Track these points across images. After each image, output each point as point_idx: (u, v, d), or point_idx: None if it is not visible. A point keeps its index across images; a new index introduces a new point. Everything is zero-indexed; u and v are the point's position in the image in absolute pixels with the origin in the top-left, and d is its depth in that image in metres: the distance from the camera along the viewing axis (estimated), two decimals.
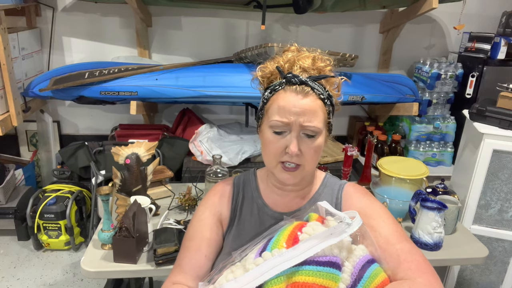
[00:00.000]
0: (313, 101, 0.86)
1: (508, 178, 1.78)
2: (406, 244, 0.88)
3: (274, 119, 0.86)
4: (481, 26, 2.66)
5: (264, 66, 0.93)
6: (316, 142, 0.87)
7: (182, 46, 2.64)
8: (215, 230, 0.98)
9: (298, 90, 0.85)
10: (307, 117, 0.85)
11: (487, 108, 1.81)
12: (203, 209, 1.01)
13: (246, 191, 1.03)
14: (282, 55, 0.93)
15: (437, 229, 1.40)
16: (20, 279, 2.10)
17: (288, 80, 0.87)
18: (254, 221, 0.99)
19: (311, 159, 0.89)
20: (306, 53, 0.92)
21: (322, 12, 2.51)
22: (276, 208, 0.99)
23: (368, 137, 1.94)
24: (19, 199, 2.34)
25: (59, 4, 2.49)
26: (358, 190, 1.01)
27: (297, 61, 0.89)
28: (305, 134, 0.86)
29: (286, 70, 0.89)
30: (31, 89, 2.21)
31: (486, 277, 1.93)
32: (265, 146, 0.90)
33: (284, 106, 0.85)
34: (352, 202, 0.98)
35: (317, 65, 0.90)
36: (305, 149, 0.87)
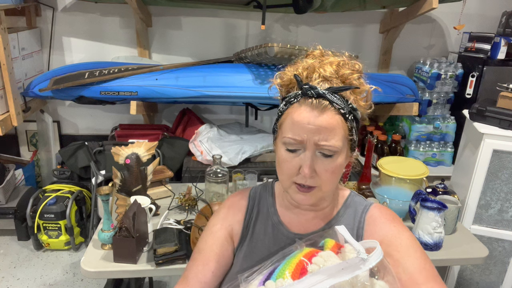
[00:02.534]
0: (331, 117, 0.75)
1: (508, 178, 1.78)
2: (435, 285, 0.76)
3: (287, 135, 0.77)
4: (481, 26, 2.66)
5: (283, 73, 0.84)
6: (334, 163, 0.77)
7: (182, 46, 2.64)
8: (225, 245, 0.90)
9: (315, 104, 0.75)
10: (323, 135, 0.75)
11: (487, 108, 1.81)
12: (215, 221, 0.94)
13: (262, 205, 0.94)
14: (303, 60, 0.83)
15: (437, 229, 1.40)
16: (20, 279, 2.10)
17: (304, 92, 0.76)
18: (268, 240, 0.90)
19: (328, 180, 0.79)
20: (331, 57, 0.81)
21: (322, 12, 2.51)
22: (292, 228, 0.90)
23: (368, 137, 1.94)
24: (19, 199, 2.34)
25: (59, 4, 2.49)
26: (384, 214, 0.88)
27: (317, 68, 0.79)
28: (322, 154, 0.76)
29: (304, 78, 0.79)
30: (31, 89, 2.21)
31: (486, 277, 1.93)
32: (279, 164, 0.81)
33: (298, 122, 0.76)
34: (376, 228, 0.86)
35: (341, 72, 0.79)
36: (321, 170, 0.77)
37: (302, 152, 0.77)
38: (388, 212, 0.90)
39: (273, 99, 2.18)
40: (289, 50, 1.93)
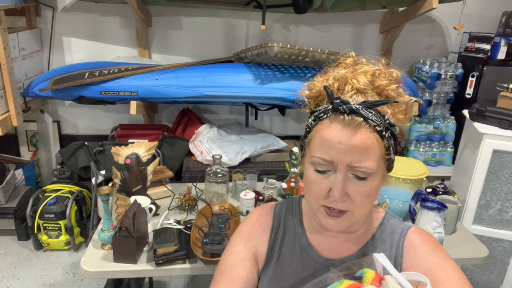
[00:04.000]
0: (365, 135, 0.67)
1: (508, 178, 1.78)
2: None
3: (316, 155, 0.70)
4: (481, 26, 2.66)
5: (312, 84, 0.76)
6: (369, 186, 0.70)
7: (182, 46, 2.64)
8: (250, 267, 0.82)
9: (347, 121, 0.67)
10: (356, 156, 0.67)
11: (487, 108, 1.81)
12: (237, 239, 0.86)
13: (288, 224, 0.86)
14: (335, 69, 0.75)
15: (437, 229, 1.40)
16: (20, 279, 2.10)
17: (335, 107, 0.68)
18: (296, 264, 0.82)
19: (361, 204, 0.71)
20: (365, 66, 0.74)
21: (322, 12, 2.51)
22: (322, 252, 0.82)
23: None
24: (19, 199, 2.34)
25: (59, 4, 2.49)
26: (426, 242, 0.80)
27: (350, 79, 0.71)
28: (355, 176, 0.69)
29: (336, 90, 0.71)
30: (31, 89, 2.21)
31: (486, 277, 1.93)
32: (307, 184, 0.73)
33: (328, 141, 0.68)
34: (418, 258, 0.77)
35: (377, 83, 0.71)
36: (354, 193, 0.69)
37: (333, 173, 0.70)
38: (429, 238, 0.82)
39: (273, 99, 2.19)
40: (289, 50, 1.93)
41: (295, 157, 1.64)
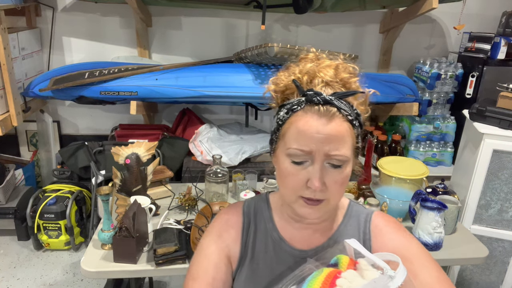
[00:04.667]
0: (339, 124, 0.70)
1: (508, 178, 1.78)
2: None
3: (293, 147, 0.70)
4: (481, 26, 2.66)
5: (277, 79, 0.78)
6: (343, 173, 0.72)
7: (182, 46, 2.64)
8: (223, 269, 0.81)
9: (322, 111, 0.69)
10: (333, 145, 0.69)
11: (487, 108, 1.81)
12: (207, 242, 0.84)
13: (259, 221, 0.86)
14: (298, 64, 0.78)
15: (437, 229, 1.40)
16: (20, 279, 2.10)
17: (309, 98, 0.70)
18: (270, 259, 0.83)
19: (337, 192, 0.74)
20: (327, 61, 0.76)
21: (322, 12, 2.51)
22: (294, 244, 0.83)
23: (368, 137, 1.94)
24: (19, 199, 2.34)
25: (59, 4, 2.49)
26: (390, 223, 0.85)
27: (317, 72, 0.73)
28: (331, 164, 0.71)
29: (304, 83, 0.73)
30: (31, 89, 2.21)
31: (486, 277, 1.93)
32: (283, 177, 0.74)
33: (305, 132, 0.69)
34: (384, 240, 0.82)
35: (340, 76, 0.74)
36: (331, 182, 0.71)
37: (310, 164, 0.71)
38: (391, 220, 0.86)
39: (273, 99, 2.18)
40: (289, 50, 1.93)
41: None
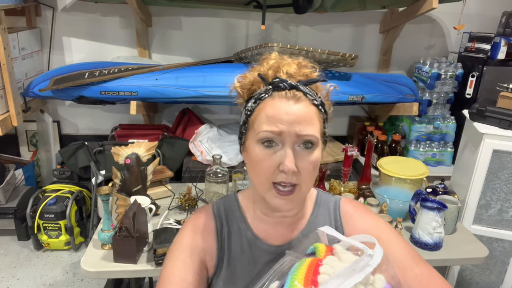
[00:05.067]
0: (307, 106, 0.73)
1: (508, 178, 1.78)
2: (424, 266, 0.78)
3: (263, 129, 0.71)
4: (481, 26, 2.66)
5: (242, 76, 0.81)
6: (314, 155, 0.73)
7: (182, 46, 2.64)
8: (199, 273, 0.80)
9: (289, 95, 0.72)
10: (303, 125, 0.71)
11: (487, 108, 1.81)
12: (181, 248, 0.82)
13: (231, 222, 0.85)
14: (262, 63, 0.81)
15: (437, 229, 1.40)
16: (20, 279, 2.10)
17: (276, 85, 0.73)
18: (247, 259, 0.83)
19: (308, 177, 0.74)
20: (289, 59, 0.80)
21: (322, 12, 2.51)
22: (269, 241, 0.83)
23: (368, 137, 1.94)
24: (19, 199, 2.34)
25: (59, 4, 2.49)
26: (358, 208, 0.89)
27: (281, 67, 0.77)
28: (302, 146, 0.72)
29: (270, 77, 0.77)
30: (31, 89, 2.21)
31: (486, 277, 1.93)
32: (254, 165, 0.74)
33: (274, 115, 0.71)
34: (355, 223, 0.85)
35: (303, 70, 0.78)
36: (303, 164, 0.72)
37: (280, 148, 0.72)
38: (359, 204, 0.91)
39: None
40: (289, 50, 1.93)
41: None
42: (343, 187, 1.78)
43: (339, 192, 1.76)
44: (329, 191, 1.80)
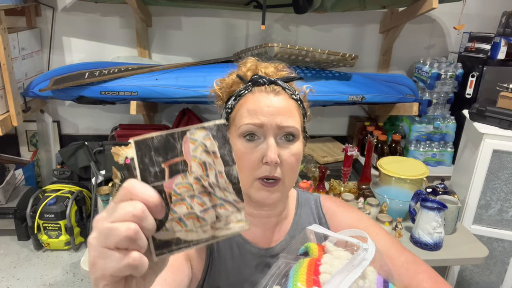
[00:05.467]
0: (287, 99, 0.75)
1: (508, 178, 1.78)
2: (408, 254, 0.82)
3: (245, 123, 0.72)
4: (481, 26, 2.66)
5: (221, 80, 0.83)
6: (296, 147, 0.74)
7: (182, 46, 2.64)
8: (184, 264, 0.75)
9: (268, 89, 0.74)
10: (284, 117, 0.72)
11: (487, 108, 1.81)
12: None
13: None
14: (240, 67, 0.82)
15: (437, 229, 1.40)
16: (20, 279, 2.10)
17: (255, 81, 0.75)
18: (238, 264, 0.81)
19: (291, 170, 0.74)
20: (267, 63, 0.83)
21: (322, 12, 2.51)
22: (259, 244, 0.82)
23: (368, 137, 1.94)
24: (19, 199, 2.34)
25: (59, 4, 2.48)
26: (339, 204, 0.91)
27: (259, 67, 0.80)
28: (283, 139, 0.73)
29: (249, 77, 0.78)
30: (31, 89, 2.21)
31: (486, 277, 1.93)
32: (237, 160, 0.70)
33: (255, 108, 0.72)
34: (340, 219, 0.87)
35: (280, 73, 0.80)
36: (285, 156, 0.72)
37: (263, 141, 0.72)
38: (339, 200, 0.93)
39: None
40: (289, 50, 1.93)
41: None
42: (343, 187, 1.78)
43: (339, 192, 1.76)
44: (329, 191, 1.80)
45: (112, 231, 0.37)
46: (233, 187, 0.45)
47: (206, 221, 0.43)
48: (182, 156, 0.42)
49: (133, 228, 0.37)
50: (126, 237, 0.37)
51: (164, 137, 0.41)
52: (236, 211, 0.45)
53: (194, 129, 0.43)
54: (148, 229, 0.38)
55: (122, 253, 0.37)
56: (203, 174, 0.43)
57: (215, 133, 0.45)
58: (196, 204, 0.42)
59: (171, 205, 0.41)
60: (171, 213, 0.41)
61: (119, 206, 0.38)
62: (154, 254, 0.40)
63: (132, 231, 0.37)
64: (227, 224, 0.44)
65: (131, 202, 0.38)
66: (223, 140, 0.45)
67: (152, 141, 0.41)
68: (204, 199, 0.43)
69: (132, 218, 0.37)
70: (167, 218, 0.41)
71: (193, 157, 0.43)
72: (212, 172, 0.44)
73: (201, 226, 0.42)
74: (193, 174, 0.42)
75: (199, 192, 0.43)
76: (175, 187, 0.42)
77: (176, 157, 0.42)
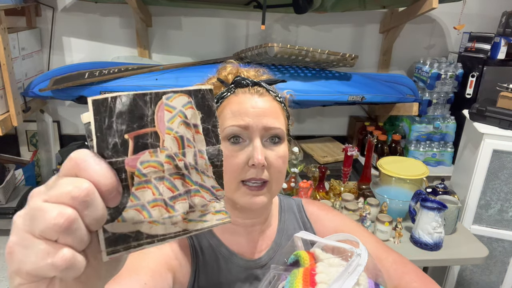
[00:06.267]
0: (271, 100, 0.72)
1: (508, 178, 1.78)
2: (395, 254, 0.83)
3: (228, 125, 0.69)
4: (481, 26, 2.66)
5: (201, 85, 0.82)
6: (283, 150, 0.72)
7: (182, 46, 2.64)
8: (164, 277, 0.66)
9: (252, 91, 0.72)
10: (269, 118, 0.69)
11: (487, 108, 1.81)
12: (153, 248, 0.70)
13: (200, 239, 0.77)
14: (219, 72, 0.81)
15: (437, 229, 1.40)
16: None
17: (238, 82, 0.73)
18: (225, 278, 0.76)
19: (279, 173, 0.71)
20: (247, 67, 0.81)
21: (322, 12, 2.51)
22: (245, 255, 0.78)
23: (368, 137, 1.94)
24: (19, 199, 2.34)
25: (59, 4, 2.49)
26: (321, 207, 0.89)
27: (240, 71, 0.78)
28: (269, 141, 0.70)
29: (230, 80, 0.77)
30: (31, 89, 2.21)
31: (486, 277, 1.93)
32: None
33: (239, 109, 0.69)
34: (324, 223, 0.86)
35: (261, 77, 0.79)
36: (272, 159, 0.69)
37: (248, 144, 0.69)
38: (320, 203, 0.92)
39: None
40: (289, 50, 1.93)
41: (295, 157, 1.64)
42: (343, 187, 1.78)
43: (339, 192, 1.76)
44: (329, 191, 1.80)
45: (40, 213, 0.28)
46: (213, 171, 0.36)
47: (177, 211, 0.33)
48: (153, 126, 0.32)
49: (67, 215, 0.28)
50: (55, 226, 0.27)
51: (131, 98, 0.32)
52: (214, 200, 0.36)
53: (172, 92, 0.34)
54: (93, 219, 0.29)
55: (48, 246, 0.28)
56: (178, 152, 0.33)
57: (200, 101, 0.35)
58: (165, 189, 0.33)
59: (132, 188, 0.31)
60: (132, 198, 0.31)
61: (60, 181, 0.29)
62: (104, 252, 0.30)
63: (65, 219, 0.28)
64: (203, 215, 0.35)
65: (74, 179, 0.29)
66: (208, 111, 0.36)
67: (114, 103, 0.31)
68: (176, 182, 0.33)
69: (69, 201, 0.28)
70: (125, 205, 0.31)
71: (167, 129, 0.33)
72: (191, 150, 0.34)
73: (170, 217, 0.33)
74: (166, 151, 0.33)
75: (169, 174, 0.33)
76: (140, 166, 0.32)
77: (145, 127, 0.32)
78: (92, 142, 0.31)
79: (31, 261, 0.28)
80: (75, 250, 0.28)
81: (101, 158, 0.31)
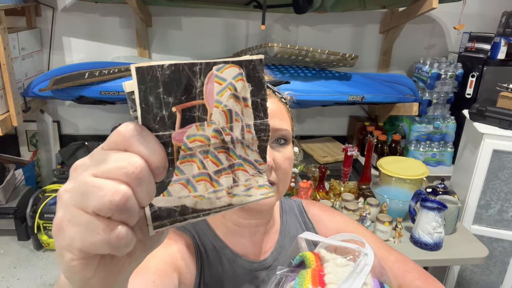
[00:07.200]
0: (277, 102, 0.72)
1: (508, 178, 1.78)
2: (396, 253, 0.84)
3: None
4: (481, 26, 2.66)
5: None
6: (289, 152, 0.71)
7: (182, 46, 2.64)
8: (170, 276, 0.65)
9: None
10: (277, 120, 0.69)
11: (487, 108, 1.81)
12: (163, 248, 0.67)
13: (204, 240, 0.76)
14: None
15: (437, 229, 1.40)
16: (20, 279, 2.10)
17: None
18: (231, 281, 0.75)
19: (286, 175, 0.71)
20: None
21: (322, 12, 2.51)
22: (250, 257, 0.77)
23: (368, 137, 1.94)
24: (19, 199, 2.34)
25: (59, 4, 2.49)
26: (323, 208, 0.89)
27: None
28: (275, 142, 0.70)
29: None
30: (31, 89, 2.21)
31: (486, 277, 1.93)
32: None
33: None
34: (326, 224, 0.86)
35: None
36: (280, 160, 0.69)
37: None
38: (321, 204, 0.92)
39: None
40: (289, 50, 1.93)
41: (295, 157, 1.64)
42: (343, 187, 1.78)
43: (339, 192, 1.76)
44: (329, 191, 1.80)
45: (93, 189, 0.27)
46: (258, 145, 0.35)
47: (221, 185, 0.33)
48: (201, 99, 0.31)
49: (123, 193, 0.27)
50: (111, 203, 0.27)
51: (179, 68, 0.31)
52: (257, 174, 0.35)
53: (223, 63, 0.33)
54: (145, 195, 0.29)
55: (102, 224, 0.27)
56: (226, 127, 0.32)
57: (251, 72, 0.33)
58: (210, 163, 0.32)
59: (176, 162, 0.30)
60: (177, 172, 0.31)
61: (110, 155, 0.28)
62: (151, 227, 0.30)
63: (122, 197, 0.27)
64: (247, 189, 0.34)
65: (126, 155, 0.28)
66: (258, 83, 0.34)
67: (162, 72, 0.30)
68: (220, 156, 0.32)
69: (124, 178, 0.27)
70: (171, 180, 0.30)
71: (216, 103, 0.32)
72: (238, 124, 0.33)
73: (215, 192, 0.32)
74: (213, 125, 0.32)
75: (214, 148, 0.32)
76: (186, 140, 0.31)
77: (193, 100, 0.31)
78: (136, 113, 0.29)
79: (84, 238, 0.27)
80: (128, 226, 0.28)
81: (149, 132, 0.29)
